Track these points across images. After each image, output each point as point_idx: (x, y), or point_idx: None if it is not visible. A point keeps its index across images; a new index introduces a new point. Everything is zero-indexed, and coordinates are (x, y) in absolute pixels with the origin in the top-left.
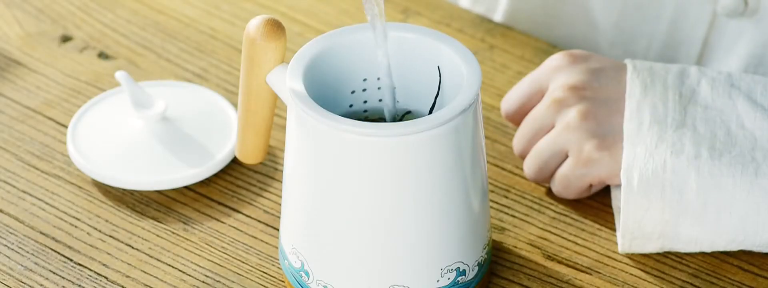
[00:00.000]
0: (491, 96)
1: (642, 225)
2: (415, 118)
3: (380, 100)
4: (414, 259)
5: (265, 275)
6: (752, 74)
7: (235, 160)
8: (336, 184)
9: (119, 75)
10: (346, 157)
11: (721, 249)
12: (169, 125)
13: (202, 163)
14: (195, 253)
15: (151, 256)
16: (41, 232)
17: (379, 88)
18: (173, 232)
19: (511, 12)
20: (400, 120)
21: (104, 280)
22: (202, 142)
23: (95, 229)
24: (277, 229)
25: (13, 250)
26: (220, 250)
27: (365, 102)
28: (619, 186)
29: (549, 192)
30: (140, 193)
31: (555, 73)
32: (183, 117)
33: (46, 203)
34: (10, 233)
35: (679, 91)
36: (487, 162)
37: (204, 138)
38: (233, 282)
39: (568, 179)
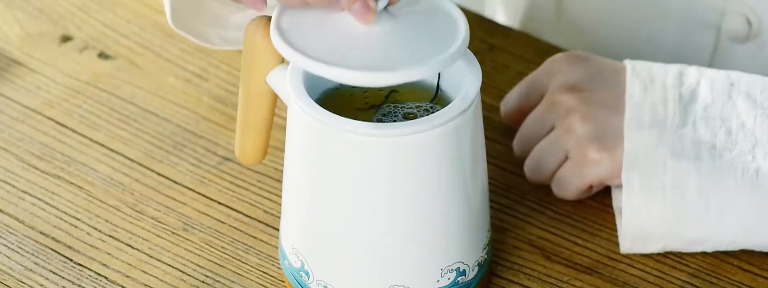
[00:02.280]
0: (491, 96)
1: (643, 226)
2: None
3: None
4: (414, 259)
5: (265, 275)
6: (751, 74)
7: (235, 160)
8: (336, 184)
9: None
10: (346, 157)
11: (723, 249)
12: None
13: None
14: (195, 253)
15: (151, 256)
16: (41, 232)
17: (380, 90)
18: (173, 232)
19: (511, 12)
20: (386, 99)
21: (104, 280)
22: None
23: (95, 229)
24: (277, 229)
25: (13, 250)
26: (220, 250)
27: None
28: (620, 186)
29: (549, 192)
30: (140, 192)
31: (555, 74)
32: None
33: (46, 203)
34: (10, 233)
35: (679, 91)
36: (487, 162)
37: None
38: (233, 282)
39: (569, 180)
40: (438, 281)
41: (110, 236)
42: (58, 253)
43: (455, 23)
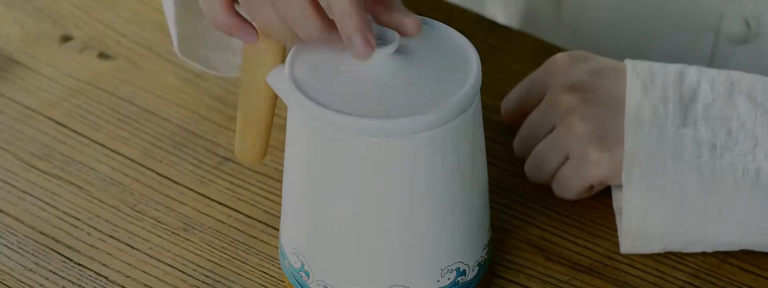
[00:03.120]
0: (491, 96)
1: (643, 226)
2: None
3: None
4: (414, 259)
5: (265, 275)
6: (752, 74)
7: (235, 160)
8: (336, 184)
9: None
10: (345, 157)
11: (723, 249)
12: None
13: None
14: (195, 253)
15: (151, 256)
16: (41, 232)
17: None
18: (173, 232)
19: (511, 12)
20: None
21: (104, 280)
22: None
23: (95, 229)
24: (277, 229)
25: (13, 250)
26: (220, 250)
27: None
28: (620, 186)
29: (549, 192)
30: (140, 192)
31: (555, 74)
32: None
33: (46, 203)
34: (10, 233)
35: (679, 91)
36: (487, 162)
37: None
38: (233, 282)
39: (569, 180)
40: (438, 281)
41: (110, 236)
42: (58, 253)
43: (467, 57)
